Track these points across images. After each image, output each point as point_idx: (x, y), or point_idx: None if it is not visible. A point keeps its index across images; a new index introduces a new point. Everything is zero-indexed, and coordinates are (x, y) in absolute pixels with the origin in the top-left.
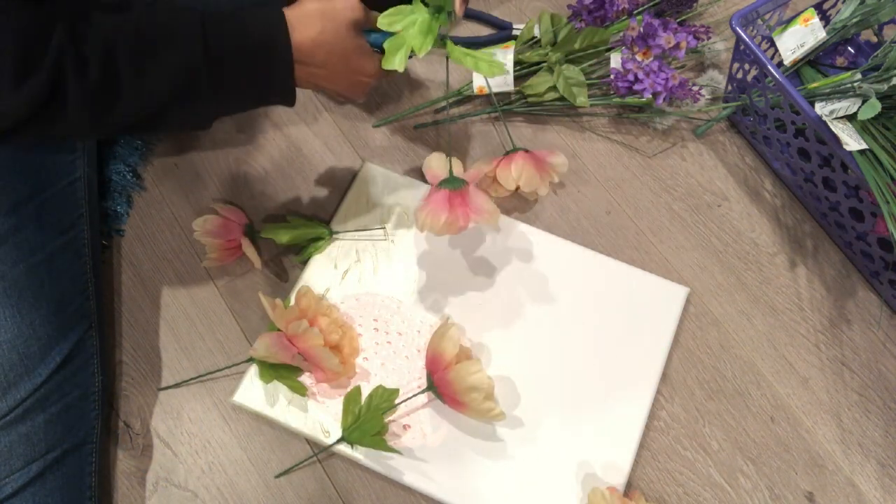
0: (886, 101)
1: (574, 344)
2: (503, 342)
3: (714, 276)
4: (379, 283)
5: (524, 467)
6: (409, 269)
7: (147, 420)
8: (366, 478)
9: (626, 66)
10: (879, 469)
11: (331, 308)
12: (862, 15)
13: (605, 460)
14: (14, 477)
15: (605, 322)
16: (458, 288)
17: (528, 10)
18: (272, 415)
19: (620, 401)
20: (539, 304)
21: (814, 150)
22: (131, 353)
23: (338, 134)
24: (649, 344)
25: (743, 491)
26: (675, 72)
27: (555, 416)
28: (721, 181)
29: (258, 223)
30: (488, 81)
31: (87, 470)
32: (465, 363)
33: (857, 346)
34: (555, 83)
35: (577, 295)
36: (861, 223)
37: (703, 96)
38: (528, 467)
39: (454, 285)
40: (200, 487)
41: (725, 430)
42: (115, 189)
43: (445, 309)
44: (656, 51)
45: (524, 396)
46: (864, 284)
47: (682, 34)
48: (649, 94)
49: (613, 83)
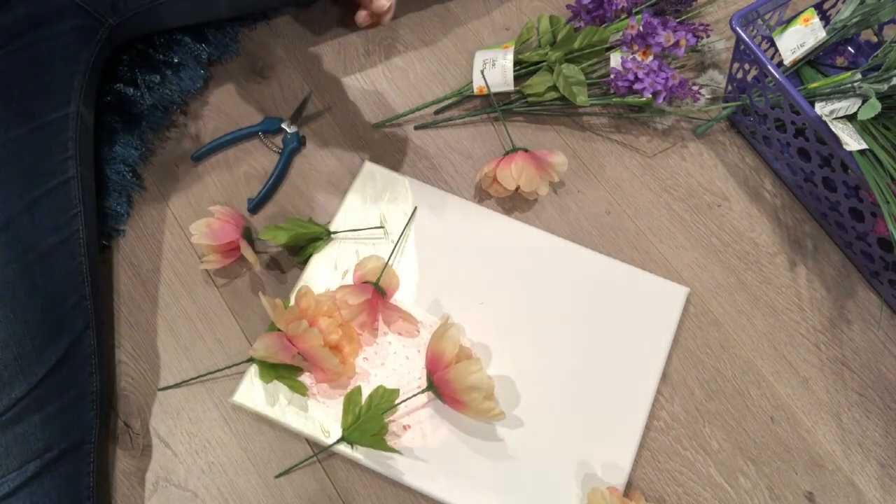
0: (886, 101)
1: (574, 344)
2: (503, 342)
3: (714, 276)
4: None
5: (524, 467)
6: (409, 269)
7: (147, 420)
8: (366, 478)
9: (626, 65)
10: (879, 469)
11: (332, 308)
12: (862, 15)
13: (605, 460)
14: (10, 477)
15: (605, 322)
16: (458, 288)
17: (528, 11)
18: (272, 415)
19: (620, 401)
20: (538, 303)
21: (814, 150)
22: (131, 353)
23: (338, 134)
24: (649, 344)
25: (743, 491)
26: (675, 71)
27: (554, 416)
28: (721, 181)
29: (258, 223)
30: (487, 82)
31: (85, 470)
32: (464, 362)
33: (857, 346)
34: (555, 83)
35: (576, 295)
36: (861, 223)
37: (703, 96)
38: (527, 467)
39: (454, 285)
40: (200, 487)
41: (725, 430)
42: (115, 189)
43: (445, 309)
44: (656, 49)
45: (524, 396)
46: (864, 284)
47: (681, 32)
48: (649, 93)
49: (613, 83)
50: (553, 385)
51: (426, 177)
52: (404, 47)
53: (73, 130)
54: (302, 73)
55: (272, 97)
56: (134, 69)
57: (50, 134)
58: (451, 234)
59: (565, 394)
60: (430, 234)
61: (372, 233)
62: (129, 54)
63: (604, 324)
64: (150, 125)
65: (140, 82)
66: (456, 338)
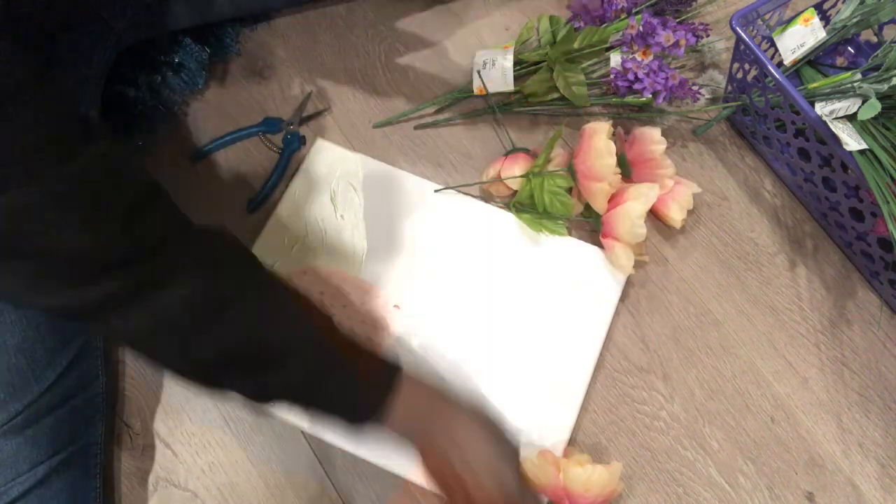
0: (886, 101)
1: (515, 311)
2: (439, 311)
3: (714, 276)
4: (328, 256)
5: None
6: (357, 243)
7: (147, 420)
8: (366, 478)
9: (626, 65)
10: (879, 469)
11: None
12: (862, 15)
13: (548, 423)
14: (20, 480)
15: (545, 289)
16: (404, 260)
17: (528, 10)
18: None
19: (562, 365)
20: (479, 274)
21: (814, 150)
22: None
23: (338, 135)
24: (592, 312)
25: (743, 491)
26: (675, 71)
27: (497, 382)
28: (721, 181)
29: (258, 223)
30: (486, 83)
31: (92, 472)
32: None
33: (857, 346)
34: (555, 83)
35: (518, 265)
36: (861, 223)
37: (703, 96)
38: None
39: (400, 260)
40: (200, 487)
41: (725, 430)
42: None
43: (388, 281)
44: (656, 49)
45: (468, 365)
46: (864, 284)
47: (681, 32)
48: (649, 93)
49: (613, 83)
50: (494, 351)
51: (426, 177)
52: (404, 47)
53: None
54: (302, 73)
55: (272, 97)
56: (135, 69)
57: None
58: (398, 210)
59: (508, 360)
60: (376, 210)
61: (322, 206)
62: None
63: (545, 291)
64: (150, 125)
65: (141, 82)
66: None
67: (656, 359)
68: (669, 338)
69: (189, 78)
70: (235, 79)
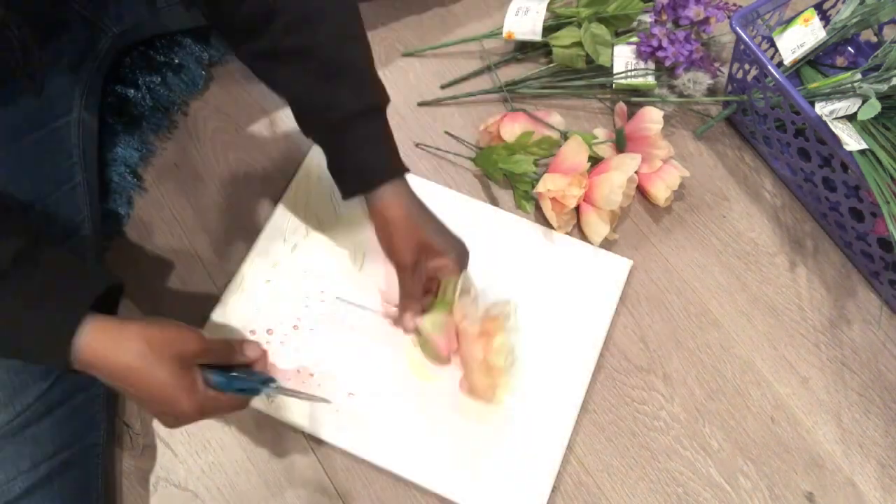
0: (886, 101)
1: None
2: None
3: (714, 276)
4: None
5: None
6: (357, 243)
7: (147, 420)
8: (366, 477)
9: (654, 30)
10: (879, 469)
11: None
12: (862, 15)
13: (547, 424)
14: (22, 478)
15: (548, 292)
16: None
17: None
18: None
19: (562, 365)
20: (479, 274)
21: (814, 150)
22: None
23: None
24: (592, 311)
25: (743, 491)
26: (701, 45)
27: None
28: (721, 181)
29: (258, 223)
30: (516, 28)
31: (94, 472)
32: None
33: (857, 346)
34: (581, 38)
35: (518, 267)
36: (861, 223)
37: (722, 73)
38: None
39: None
40: (200, 487)
41: (725, 430)
42: (116, 190)
43: (390, 284)
44: (684, 22)
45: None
46: (864, 284)
47: (712, 10)
48: (671, 62)
49: (638, 47)
50: None
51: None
52: (404, 47)
53: (76, 137)
54: None
55: (272, 97)
56: (135, 71)
57: (54, 142)
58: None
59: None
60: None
61: (319, 208)
62: (130, 56)
63: (545, 291)
64: (150, 126)
65: (141, 84)
66: None
67: (656, 359)
68: (669, 338)
69: (189, 78)
70: (235, 79)
